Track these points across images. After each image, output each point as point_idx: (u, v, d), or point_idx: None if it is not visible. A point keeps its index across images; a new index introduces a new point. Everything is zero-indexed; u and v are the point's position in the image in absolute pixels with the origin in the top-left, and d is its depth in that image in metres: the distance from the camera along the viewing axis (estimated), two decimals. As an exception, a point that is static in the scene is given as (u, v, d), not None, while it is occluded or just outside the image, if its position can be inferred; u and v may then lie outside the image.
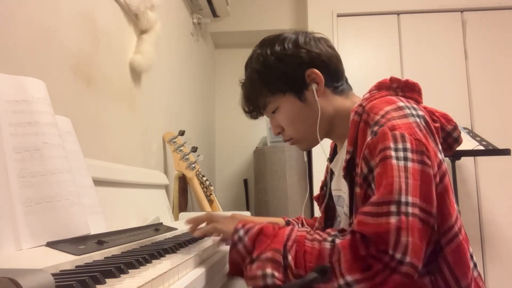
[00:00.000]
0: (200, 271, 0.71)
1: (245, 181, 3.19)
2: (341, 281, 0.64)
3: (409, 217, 0.64)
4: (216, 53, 3.41)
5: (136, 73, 1.52)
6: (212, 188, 1.91)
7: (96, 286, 0.50)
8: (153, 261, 0.70)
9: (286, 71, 0.92)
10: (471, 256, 0.79)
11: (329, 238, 0.70)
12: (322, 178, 1.10)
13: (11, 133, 0.67)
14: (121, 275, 0.56)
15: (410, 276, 0.63)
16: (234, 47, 3.35)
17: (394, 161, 0.69)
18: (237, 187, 3.24)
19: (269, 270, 0.69)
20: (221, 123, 3.32)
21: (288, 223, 1.12)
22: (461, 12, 2.73)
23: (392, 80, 0.87)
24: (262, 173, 2.67)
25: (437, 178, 0.72)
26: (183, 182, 1.85)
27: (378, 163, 0.71)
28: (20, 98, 0.70)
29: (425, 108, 0.84)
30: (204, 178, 1.87)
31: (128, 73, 1.46)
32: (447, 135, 0.86)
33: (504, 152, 2.13)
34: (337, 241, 0.68)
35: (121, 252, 0.76)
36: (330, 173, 1.04)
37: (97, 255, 0.69)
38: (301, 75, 0.91)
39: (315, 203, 2.58)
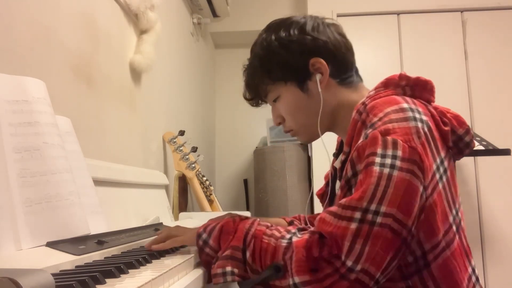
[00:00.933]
0: (200, 270, 0.71)
1: (245, 181, 3.18)
2: (291, 281, 0.65)
3: (374, 227, 0.63)
4: (216, 53, 3.40)
5: (136, 73, 1.52)
6: (212, 188, 1.91)
7: (96, 286, 0.50)
8: (153, 261, 0.70)
9: (289, 59, 0.86)
10: (473, 270, 0.76)
11: (287, 236, 0.69)
12: (323, 177, 1.06)
13: (11, 133, 0.67)
14: (121, 275, 0.56)
15: (364, 285, 0.62)
16: (234, 47, 3.35)
17: (377, 168, 0.66)
18: (237, 187, 3.24)
19: (228, 268, 0.69)
20: (221, 123, 3.31)
21: (291, 224, 1.08)
22: (461, 12, 2.72)
23: (402, 77, 0.80)
24: (262, 173, 2.67)
25: (428, 190, 0.69)
26: (183, 182, 1.85)
27: (362, 169, 0.68)
28: (20, 98, 0.70)
29: (436, 108, 0.79)
30: (204, 178, 1.87)
31: (128, 73, 1.46)
32: (458, 139, 0.80)
33: (504, 152, 2.13)
34: (294, 239, 0.68)
35: (121, 252, 0.76)
36: (335, 169, 0.99)
37: (97, 255, 0.69)
38: (305, 64, 0.86)
39: (315, 203, 2.59)
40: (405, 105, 0.73)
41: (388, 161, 0.66)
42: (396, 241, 0.64)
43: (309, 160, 2.69)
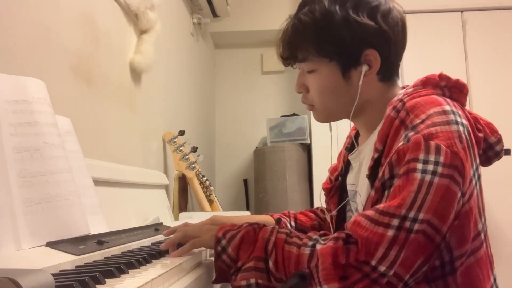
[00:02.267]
0: (201, 270, 0.71)
1: (245, 181, 3.18)
2: None
3: (411, 234, 0.62)
4: (216, 53, 3.40)
5: (136, 73, 1.51)
6: (212, 188, 1.91)
7: (96, 286, 0.50)
8: (153, 261, 0.70)
9: (347, 39, 0.78)
10: (495, 279, 0.77)
11: (309, 243, 0.68)
12: (323, 177, 1.05)
13: (11, 133, 0.67)
14: (121, 275, 0.56)
15: (393, 286, 0.62)
16: (234, 47, 3.35)
17: (418, 175, 0.65)
18: (237, 187, 3.24)
19: (253, 280, 0.68)
20: (221, 123, 3.31)
21: (278, 222, 1.03)
22: (461, 12, 2.72)
23: (442, 77, 0.77)
24: (262, 173, 2.67)
25: (466, 197, 0.68)
26: (183, 182, 1.85)
27: (401, 175, 0.67)
28: (20, 98, 0.70)
29: (470, 113, 0.77)
30: (204, 178, 1.87)
31: (128, 73, 1.46)
32: (488, 147, 0.78)
33: (504, 152, 2.13)
34: (318, 247, 0.67)
35: (121, 252, 0.76)
36: (346, 164, 0.96)
37: (97, 255, 0.69)
38: (359, 51, 0.79)
39: (315, 203, 2.59)
40: (447, 108, 0.71)
41: (431, 167, 0.65)
42: (429, 246, 0.63)
43: (309, 160, 2.69)
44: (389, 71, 0.83)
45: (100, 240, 0.73)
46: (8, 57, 0.84)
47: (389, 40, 0.80)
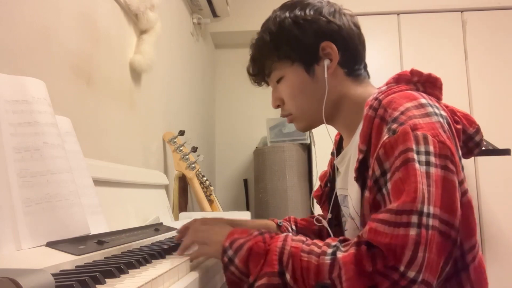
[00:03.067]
0: (201, 270, 0.71)
1: (245, 181, 3.18)
2: None
3: (429, 231, 0.58)
4: (216, 53, 3.40)
5: (136, 73, 1.52)
6: (212, 188, 1.91)
7: (96, 286, 0.50)
8: (153, 261, 0.70)
9: (300, 38, 0.84)
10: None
11: (329, 251, 0.62)
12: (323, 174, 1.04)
13: (11, 133, 0.67)
14: (121, 275, 0.56)
15: None
16: (234, 47, 3.35)
17: (417, 165, 0.61)
18: (237, 187, 3.24)
19: None
20: (221, 123, 3.31)
21: (279, 226, 1.03)
22: (461, 12, 2.72)
23: (413, 72, 0.78)
24: (262, 173, 2.67)
25: (464, 185, 0.66)
26: (183, 182, 1.85)
27: (399, 167, 0.63)
28: (20, 98, 0.70)
29: (446, 106, 0.77)
30: (204, 178, 1.87)
31: (128, 73, 1.46)
32: (468, 138, 0.78)
33: (504, 152, 2.13)
34: (339, 255, 0.61)
35: (121, 252, 0.76)
36: (333, 169, 0.96)
37: (97, 255, 0.69)
38: (315, 46, 0.83)
39: (315, 203, 2.58)
40: (423, 101, 0.71)
41: (423, 157, 0.62)
42: (447, 244, 0.60)
43: (309, 160, 2.69)
44: (351, 63, 0.86)
45: (100, 240, 0.73)
46: (8, 57, 0.84)
47: (341, 31, 0.84)
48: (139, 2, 1.45)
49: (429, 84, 0.78)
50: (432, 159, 0.62)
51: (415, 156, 0.62)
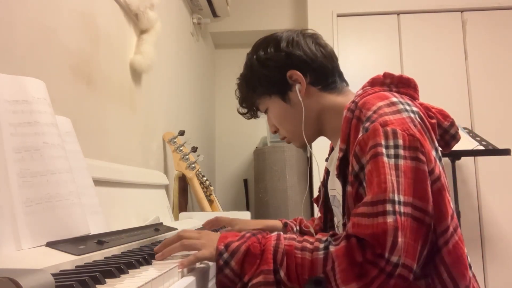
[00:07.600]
0: (201, 270, 0.71)
1: (245, 181, 3.18)
2: None
3: (402, 217, 0.63)
4: (216, 53, 3.40)
5: (136, 73, 1.52)
6: (212, 188, 1.91)
7: (96, 286, 0.50)
8: (153, 261, 0.70)
9: (268, 75, 0.94)
10: (466, 256, 0.77)
11: (321, 246, 0.67)
12: (323, 177, 1.08)
13: (11, 133, 0.67)
14: (121, 275, 0.56)
15: (405, 278, 0.62)
16: (234, 47, 3.35)
17: (385, 159, 0.67)
18: (237, 187, 3.24)
19: None
20: (221, 123, 3.31)
21: (285, 226, 1.12)
22: (461, 12, 2.73)
23: (386, 75, 0.84)
24: (262, 173, 2.67)
25: (434, 174, 0.70)
26: (183, 182, 1.85)
27: (368, 160, 0.69)
28: (20, 98, 0.70)
29: (421, 104, 0.82)
30: (204, 178, 1.87)
31: (128, 73, 1.46)
32: (444, 132, 0.84)
33: (504, 152, 2.13)
34: (331, 248, 0.65)
35: (121, 252, 0.76)
36: (327, 173, 1.02)
37: (97, 255, 0.69)
38: (282, 78, 0.92)
39: (314, 204, 2.58)
40: (394, 99, 0.76)
41: (392, 151, 0.68)
42: (422, 229, 0.65)
43: (309, 160, 2.69)
44: (322, 80, 0.93)
45: (100, 240, 0.73)
46: (8, 57, 0.84)
47: (301, 57, 0.92)
48: (139, 2, 1.46)
49: (402, 85, 0.84)
50: (401, 151, 0.68)
51: (384, 150, 0.68)
